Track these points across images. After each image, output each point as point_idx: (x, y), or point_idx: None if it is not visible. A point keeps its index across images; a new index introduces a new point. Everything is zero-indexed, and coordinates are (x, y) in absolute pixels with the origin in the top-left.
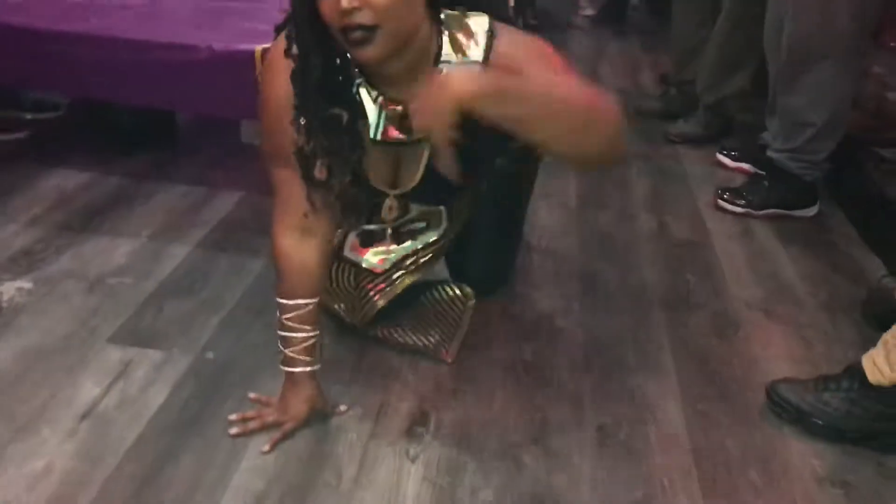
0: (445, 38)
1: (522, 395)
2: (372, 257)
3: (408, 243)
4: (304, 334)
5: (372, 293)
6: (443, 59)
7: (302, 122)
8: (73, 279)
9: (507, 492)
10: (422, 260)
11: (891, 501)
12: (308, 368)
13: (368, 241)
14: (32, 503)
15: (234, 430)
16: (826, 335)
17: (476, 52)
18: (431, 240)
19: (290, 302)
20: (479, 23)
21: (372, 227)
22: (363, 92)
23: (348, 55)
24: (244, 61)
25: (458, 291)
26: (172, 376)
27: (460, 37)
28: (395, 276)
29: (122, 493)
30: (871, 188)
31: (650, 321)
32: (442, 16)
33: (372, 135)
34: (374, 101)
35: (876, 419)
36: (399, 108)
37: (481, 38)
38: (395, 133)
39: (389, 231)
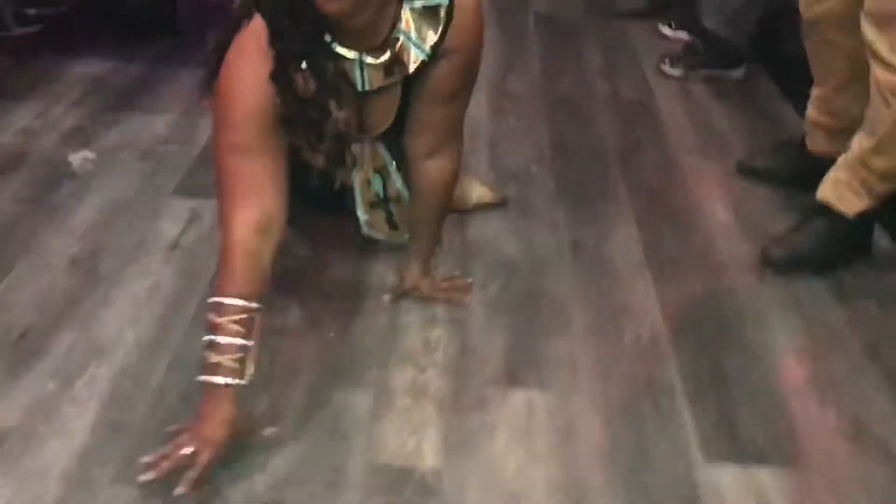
0: (405, 12)
1: (510, 222)
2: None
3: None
4: (241, 341)
5: None
6: (400, 30)
7: (304, 66)
8: (127, 149)
9: (507, 287)
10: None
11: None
12: (233, 381)
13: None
14: (154, 307)
15: (144, 477)
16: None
17: (432, 37)
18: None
19: (238, 303)
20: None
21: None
22: (342, 50)
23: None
24: None
25: None
26: None
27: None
28: None
29: None
30: (790, 49)
31: (608, 164)
32: None
33: (360, 87)
34: (354, 58)
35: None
36: (383, 58)
37: (440, 21)
38: (378, 81)
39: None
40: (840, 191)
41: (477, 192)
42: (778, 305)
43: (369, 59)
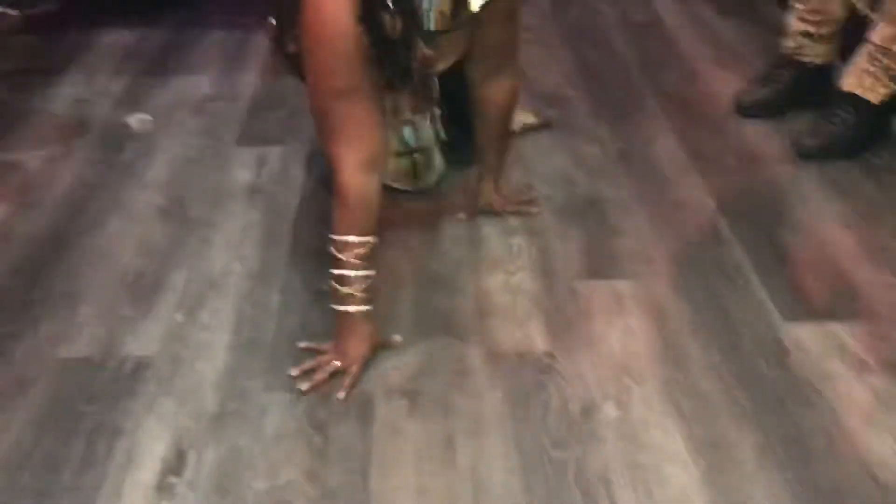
0: None
1: (559, 140)
2: None
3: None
4: (365, 272)
5: None
6: None
7: (390, 4)
8: (178, 108)
9: (570, 195)
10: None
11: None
12: (365, 307)
13: None
14: (251, 243)
15: (303, 387)
16: (755, 68)
17: None
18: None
19: (359, 239)
20: None
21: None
22: None
23: None
24: None
25: None
26: (300, 160)
27: None
28: None
29: (311, 231)
30: None
31: (634, 80)
32: None
33: (424, 26)
34: None
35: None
36: None
37: None
38: (445, 21)
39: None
40: (864, 80)
41: (522, 116)
42: (817, 187)
43: None
